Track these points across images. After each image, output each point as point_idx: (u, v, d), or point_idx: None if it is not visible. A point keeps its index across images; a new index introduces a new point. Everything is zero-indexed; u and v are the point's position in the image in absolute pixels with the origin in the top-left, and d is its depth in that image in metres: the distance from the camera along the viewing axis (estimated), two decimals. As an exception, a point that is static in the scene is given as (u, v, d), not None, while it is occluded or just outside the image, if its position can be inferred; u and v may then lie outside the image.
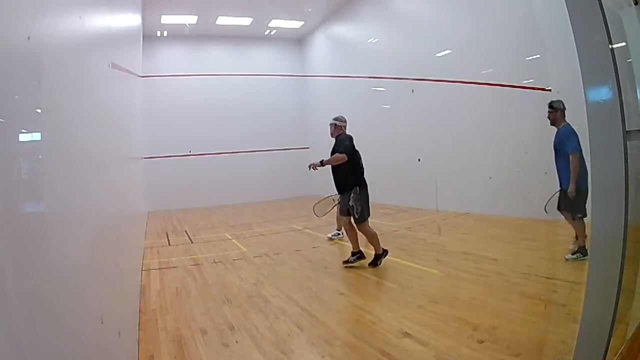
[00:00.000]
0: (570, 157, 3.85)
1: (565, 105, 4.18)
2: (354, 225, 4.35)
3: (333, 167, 4.47)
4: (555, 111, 4.07)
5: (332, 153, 4.47)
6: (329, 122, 4.65)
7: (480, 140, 7.21)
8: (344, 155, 4.31)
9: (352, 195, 4.28)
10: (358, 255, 4.44)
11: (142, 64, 9.26)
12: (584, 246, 3.94)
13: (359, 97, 11.05)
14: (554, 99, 4.19)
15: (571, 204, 3.94)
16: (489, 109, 7.02)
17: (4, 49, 0.74)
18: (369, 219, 4.38)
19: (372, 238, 4.32)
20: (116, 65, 2.81)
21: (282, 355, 2.47)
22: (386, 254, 4.34)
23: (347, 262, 4.44)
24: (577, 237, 4.03)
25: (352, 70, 11.42)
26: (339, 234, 5.87)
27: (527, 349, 2.31)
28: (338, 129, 4.60)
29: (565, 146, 3.92)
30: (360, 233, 4.38)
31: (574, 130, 3.98)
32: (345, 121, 4.66)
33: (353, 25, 11.69)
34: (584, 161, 3.79)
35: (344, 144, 4.39)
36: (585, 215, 3.86)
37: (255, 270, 4.63)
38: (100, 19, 2.07)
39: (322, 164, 4.44)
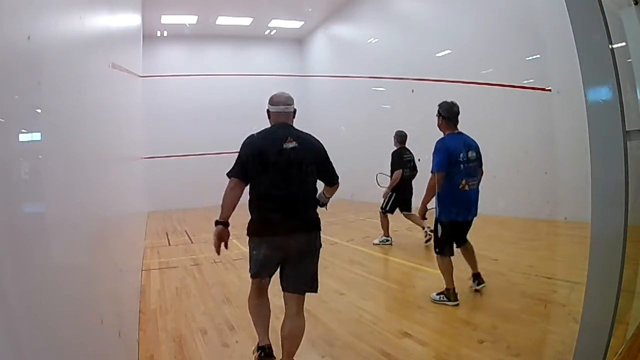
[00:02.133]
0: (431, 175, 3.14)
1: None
2: None
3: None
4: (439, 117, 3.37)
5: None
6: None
7: (480, 140, 7.19)
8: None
9: None
10: None
11: (142, 64, 9.25)
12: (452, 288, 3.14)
13: (359, 97, 11.05)
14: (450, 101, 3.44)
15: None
16: (489, 109, 7.01)
17: (4, 49, 0.74)
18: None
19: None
20: (116, 65, 2.81)
21: (282, 355, 2.46)
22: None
23: None
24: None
25: (352, 70, 11.42)
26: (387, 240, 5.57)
27: (527, 349, 2.31)
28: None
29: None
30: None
31: (444, 143, 3.26)
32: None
33: (353, 25, 11.69)
34: (452, 187, 3.09)
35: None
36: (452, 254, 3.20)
37: (255, 270, 4.62)
38: (100, 19, 2.07)
39: None
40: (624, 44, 1.97)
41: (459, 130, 3.38)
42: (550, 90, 5.87)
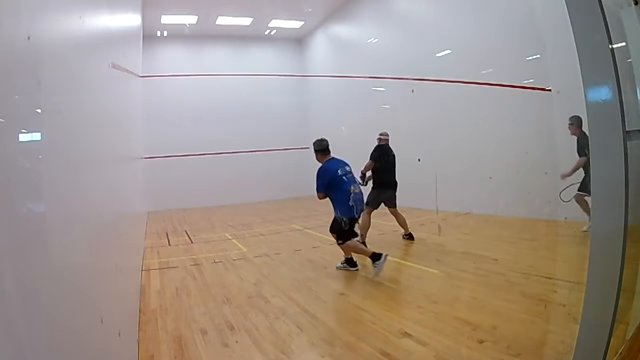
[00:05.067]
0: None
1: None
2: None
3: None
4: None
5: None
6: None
7: (480, 140, 7.21)
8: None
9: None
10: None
11: (142, 64, 9.25)
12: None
13: (359, 97, 11.05)
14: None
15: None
16: (489, 109, 7.01)
17: (4, 49, 0.74)
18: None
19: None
20: (116, 65, 2.81)
21: (282, 355, 2.47)
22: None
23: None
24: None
25: (352, 70, 11.41)
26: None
27: (527, 349, 2.31)
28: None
29: None
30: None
31: (324, 169, 4.24)
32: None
33: (353, 25, 11.69)
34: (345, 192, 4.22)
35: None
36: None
37: (255, 270, 4.63)
38: (100, 19, 2.07)
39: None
40: (624, 44, 1.97)
41: (332, 157, 4.34)
42: (550, 90, 5.87)
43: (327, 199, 4.27)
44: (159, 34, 12.20)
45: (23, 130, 0.84)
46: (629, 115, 1.46)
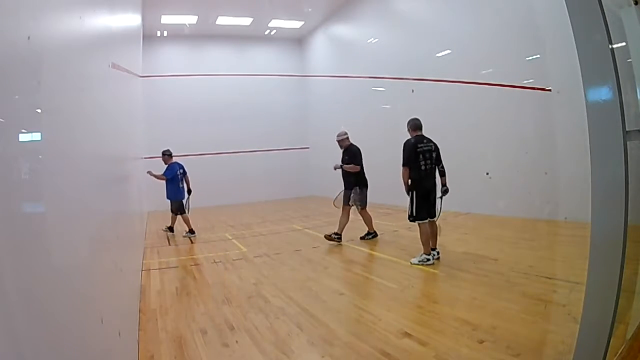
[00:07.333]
0: None
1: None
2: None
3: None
4: None
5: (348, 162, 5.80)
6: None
7: (480, 141, 7.21)
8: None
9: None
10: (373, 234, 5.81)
11: (142, 64, 9.25)
12: None
13: (359, 97, 11.04)
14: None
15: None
16: (489, 109, 7.01)
17: (4, 49, 0.74)
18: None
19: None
20: (116, 65, 2.81)
21: (282, 355, 2.47)
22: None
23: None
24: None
25: (352, 70, 11.41)
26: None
27: (527, 349, 2.31)
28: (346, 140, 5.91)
29: None
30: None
31: (171, 168, 7.14)
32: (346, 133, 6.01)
33: (353, 25, 11.69)
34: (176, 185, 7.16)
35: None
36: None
37: (255, 270, 4.63)
38: (100, 19, 2.07)
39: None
40: (624, 44, 1.98)
41: (174, 161, 7.18)
42: (550, 90, 5.87)
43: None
44: (159, 34, 12.19)
45: (23, 130, 0.84)
46: (629, 115, 1.46)
